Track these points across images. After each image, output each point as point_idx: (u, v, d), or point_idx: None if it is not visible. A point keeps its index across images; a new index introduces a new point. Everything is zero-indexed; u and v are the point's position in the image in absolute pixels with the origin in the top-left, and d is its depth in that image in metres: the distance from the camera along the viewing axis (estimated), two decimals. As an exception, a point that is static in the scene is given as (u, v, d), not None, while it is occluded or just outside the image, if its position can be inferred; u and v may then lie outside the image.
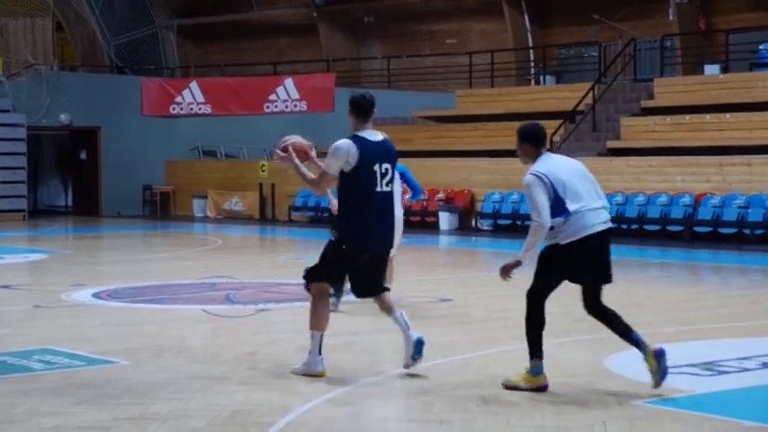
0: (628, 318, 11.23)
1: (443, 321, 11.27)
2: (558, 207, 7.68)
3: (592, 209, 7.76)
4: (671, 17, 28.78)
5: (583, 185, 7.81)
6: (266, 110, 29.22)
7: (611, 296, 12.13)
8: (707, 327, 10.87)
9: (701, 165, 23.00)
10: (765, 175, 21.70)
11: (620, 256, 17.64)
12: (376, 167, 8.11)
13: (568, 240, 7.70)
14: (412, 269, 16.85)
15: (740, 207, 21.60)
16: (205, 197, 31.98)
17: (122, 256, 19.95)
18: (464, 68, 31.20)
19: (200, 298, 13.11)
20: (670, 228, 22.47)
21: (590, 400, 7.46)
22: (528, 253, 7.73)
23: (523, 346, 7.86)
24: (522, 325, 7.90)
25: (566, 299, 13.40)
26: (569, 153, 26.16)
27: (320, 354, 8.19)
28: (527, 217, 24.90)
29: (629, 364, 8.70)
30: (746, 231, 21.37)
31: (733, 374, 8.27)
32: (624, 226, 22.96)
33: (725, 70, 26.57)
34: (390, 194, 8.24)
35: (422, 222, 26.67)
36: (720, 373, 8.33)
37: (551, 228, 7.69)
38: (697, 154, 23.47)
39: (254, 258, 20.29)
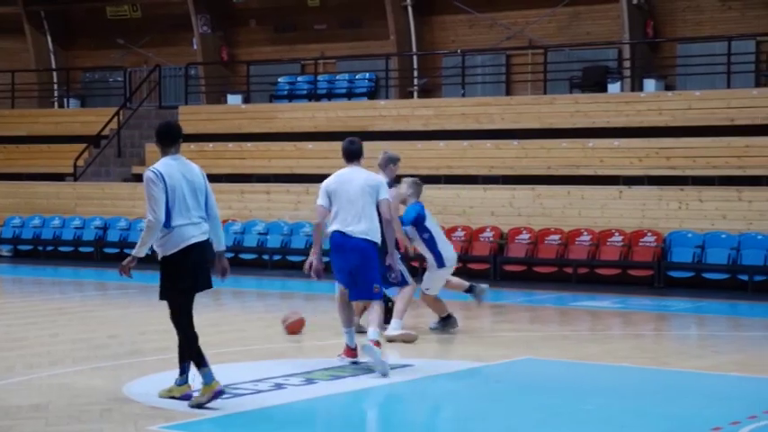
0: (150, 343, 11.34)
1: (-45, 352, 10.73)
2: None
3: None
4: (195, 46, 29.29)
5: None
6: None
7: (133, 321, 12.15)
8: (225, 350, 11.14)
9: (224, 191, 23.55)
10: (283, 203, 22.68)
11: (144, 281, 17.67)
12: None
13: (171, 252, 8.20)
14: None
15: (260, 233, 22.38)
16: None
17: None
18: (-16, 87, 29.94)
19: None
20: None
21: (106, 428, 7.41)
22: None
23: (38, 375, 7.66)
24: (38, 353, 7.69)
25: (90, 325, 13.19)
26: (95, 178, 25.88)
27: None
28: (50, 242, 24.34)
29: (147, 390, 8.76)
30: (266, 257, 22.16)
31: (248, 396, 8.54)
32: (148, 252, 23.00)
33: (246, 101, 27.42)
34: None
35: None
36: (235, 395, 8.57)
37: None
38: (219, 181, 24.01)
39: None
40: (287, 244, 22.06)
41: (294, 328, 12.29)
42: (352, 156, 10.20)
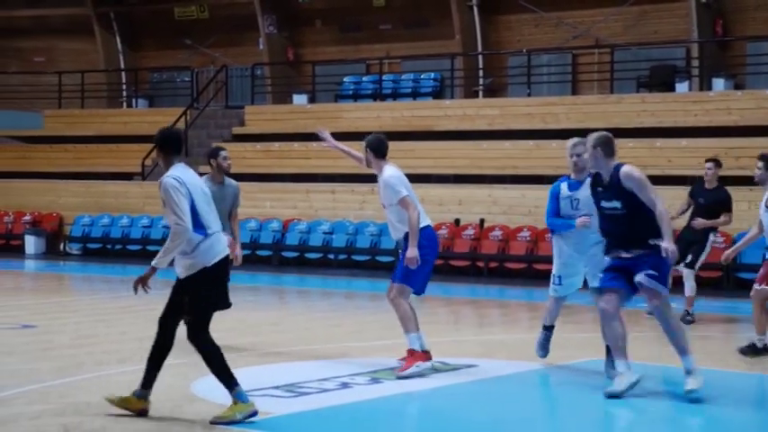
0: (218, 341, 11.41)
1: (25, 348, 10.91)
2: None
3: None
4: (261, 46, 29.49)
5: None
6: None
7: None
8: (291, 349, 11.19)
9: (289, 191, 23.72)
10: (348, 202, 22.72)
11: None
12: None
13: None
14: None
15: (325, 233, 22.46)
16: None
17: None
18: (53, 88, 30.36)
19: None
20: (260, 252, 22.94)
21: (175, 426, 7.48)
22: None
23: (106, 372, 7.74)
24: (106, 350, 7.77)
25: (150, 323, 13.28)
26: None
27: None
28: (118, 240, 24.63)
29: (215, 388, 8.81)
30: (331, 256, 22.23)
31: (313, 395, 8.57)
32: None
33: (312, 100, 27.54)
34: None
35: (6, 246, 25.66)
36: (301, 394, 8.60)
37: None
38: (285, 180, 24.17)
39: None
40: (352, 243, 22.11)
41: None
42: (386, 153, 10.05)
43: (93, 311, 14.65)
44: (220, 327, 12.61)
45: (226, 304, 8.04)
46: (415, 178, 21.88)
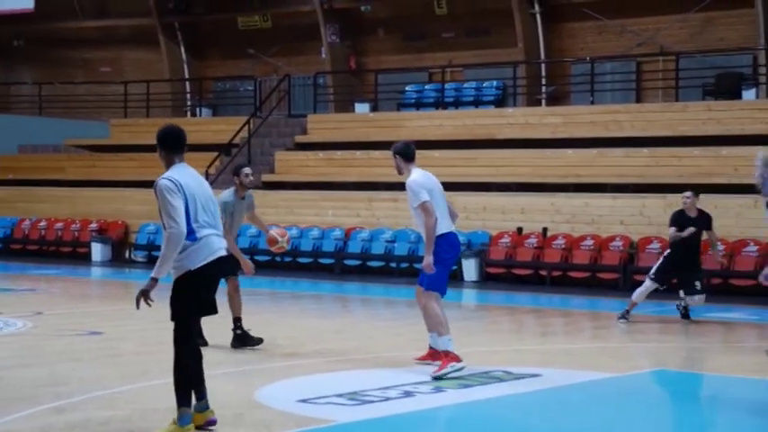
0: (278, 349, 11.49)
1: (93, 355, 11.05)
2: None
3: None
4: (324, 55, 29.64)
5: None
6: None
7: (261, 326, 12.37)
8: (354, 357, 11.22)
9: (351, 199, 23.78)
10: (408, 210, 22.71)
11: (273, 288, 18.03)
12: None
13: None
14: (62, 301, 16.39)
15: (387, 241, 22.48)
16: None
17: None
18: (119, 97, 30.76)
19: None
20: (322, 260, 23.03)
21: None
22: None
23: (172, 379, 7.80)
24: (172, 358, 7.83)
25: (220, 330, 13.41)
26: (226, 186, 26.24)
27: None
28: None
29: (278, 396, 8.87)
30: (393, 265, 22.25)
31: (376, 403, 8.58)
32: (278, 259, 23.33)
33: (374, 109, 27.61)
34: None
35: (73, 253, 26.00)
36: (364, 402, 8.62)
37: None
38: (347, 189, 24.24)
39: None
40: (414, 252, 22.09)
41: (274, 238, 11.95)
42: (414, 157, 10.42)
43: (158, 318, 14.74)
44: (285, 334, 12.73)
45: (210, 311, 7.70)
46: (476, 187, 22.00)
